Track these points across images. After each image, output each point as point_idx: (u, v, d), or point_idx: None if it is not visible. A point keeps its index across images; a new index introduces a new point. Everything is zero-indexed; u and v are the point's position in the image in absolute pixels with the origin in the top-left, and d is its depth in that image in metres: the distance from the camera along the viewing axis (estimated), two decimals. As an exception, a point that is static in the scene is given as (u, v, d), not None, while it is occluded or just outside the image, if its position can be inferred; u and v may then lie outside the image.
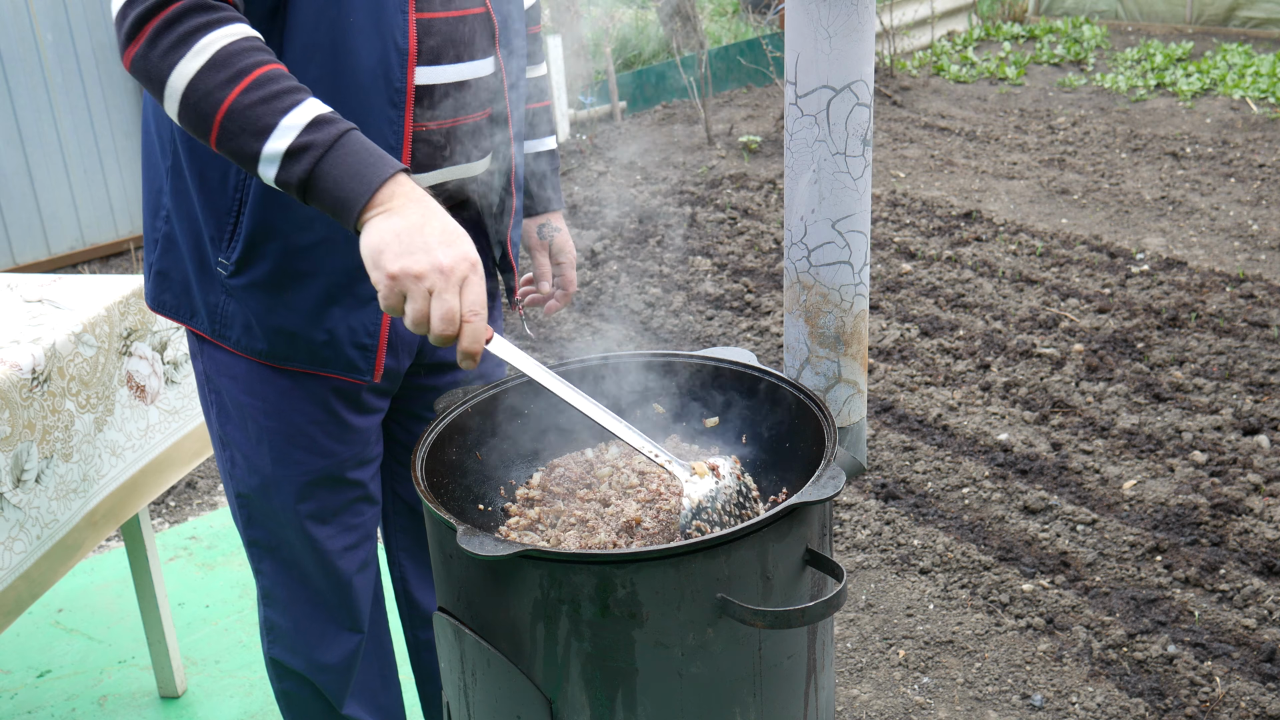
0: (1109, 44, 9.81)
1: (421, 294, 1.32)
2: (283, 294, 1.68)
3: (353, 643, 1.98)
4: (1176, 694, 2.67)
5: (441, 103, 1.68)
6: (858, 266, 1.77)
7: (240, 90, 1.36)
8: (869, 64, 1.69)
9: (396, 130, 1.62)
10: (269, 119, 1.35)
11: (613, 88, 8.14)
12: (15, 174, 5.73)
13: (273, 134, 1.35)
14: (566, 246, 2.07)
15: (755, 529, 1.33)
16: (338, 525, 1.88)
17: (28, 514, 2.11)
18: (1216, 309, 4.69)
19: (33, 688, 2.88)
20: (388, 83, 1.59)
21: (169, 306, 1.78)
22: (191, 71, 1.36)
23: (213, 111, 1.36)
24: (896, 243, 5.71)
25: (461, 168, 1.75)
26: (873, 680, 2.79)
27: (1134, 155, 6.92)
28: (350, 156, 1.36)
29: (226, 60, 1.37)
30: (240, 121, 1.36)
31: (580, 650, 1.35)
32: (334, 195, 1.35)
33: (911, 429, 3.93)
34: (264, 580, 1.94)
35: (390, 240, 1.32)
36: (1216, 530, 3.26)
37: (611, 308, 5.17)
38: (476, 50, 1.71)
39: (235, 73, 1.36)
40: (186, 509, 3.74)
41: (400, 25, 1.58)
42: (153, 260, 1.77)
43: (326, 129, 1.36)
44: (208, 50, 1.36)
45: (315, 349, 1.71)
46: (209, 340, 1.77)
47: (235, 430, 1.81)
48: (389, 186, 1.36)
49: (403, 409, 1.96)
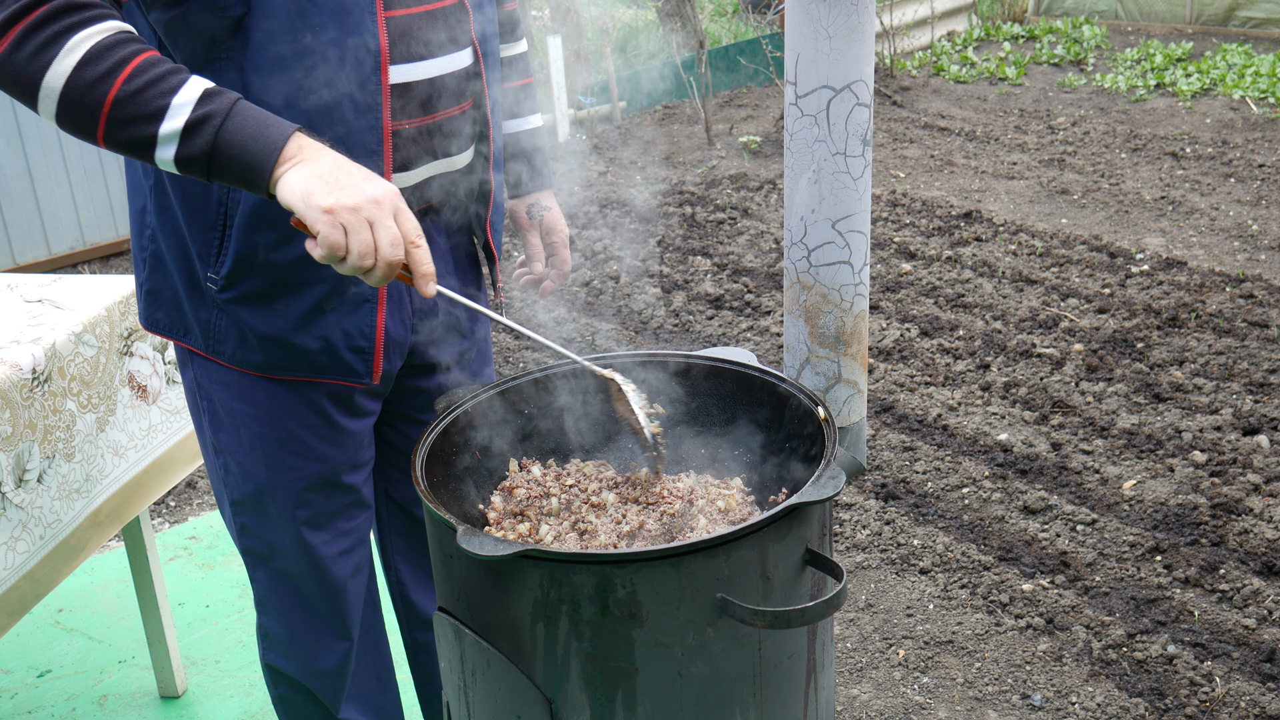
0: (1109, 44, 9.81)
1: (362, 224, 1.34)
2: (274, 305, 1.66)
3: (345, 648, 1.98)
4: (1176, 694, 2.67)
5: (420, 100, 1.65)
6: (858, 266, 1.77)
7: (123, 79, 1.34)
8: (869, 64, 1.70)
9: (375, 132, 1.60)
10: (159, 100, 1.34)
11: (613, 88, 8.14)
12: (15, 174, 5.73)
13: (166, 114, 1.35)
14: (557, 225, 2.03)
15: (755, 529, 1.33)
16: (332, 531, 1.87)
17: (30, 514, 2.11)
18: (1216, 309, 4.69)
19: (33, 687, 2.88)
20: (362, 86, 1.57)
21: (162, 325, 1.77)
22: (67, 70, 1.34)
23: (97, 105, 1.34)
24: (896, 243, 5.71)
25: (444, 162, 1.73)
26: (873, 680, 2.79)
27: (1134, 155, 6.92)
28: (249, 121, 1.36)
29: (102, 54, 1.34)
30: (130, 109, 1.34)
31: (580, 650, 1.35)
32: (241, 160, 1.35)
33: (911, 429, 3.94)
34: (258, 588, 1.94)
35: (314, 182, 1.34)
36: (1216, 530, 3.26)
37: (611, 308, 5.18)
38: (452, 42, 1.68)
39: (114, 64, 1.34)
40: (186, 509, 3.75)
41: (370, 27, 1.56)
42: (142, 279, 1.76)
43: (218, 99, 1.36)
44: (81, 47, 1.34)
45: (311, 357, 1.70)
46: (202, 356, 1.76)
47: (228, 438, 1.80)
48: (293, 142, 1.37)
49: (394, 411, 1.94)
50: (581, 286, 5.42)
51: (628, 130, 8.05)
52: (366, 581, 2.00)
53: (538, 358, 4.68)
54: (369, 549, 1.97)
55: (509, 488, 1.68)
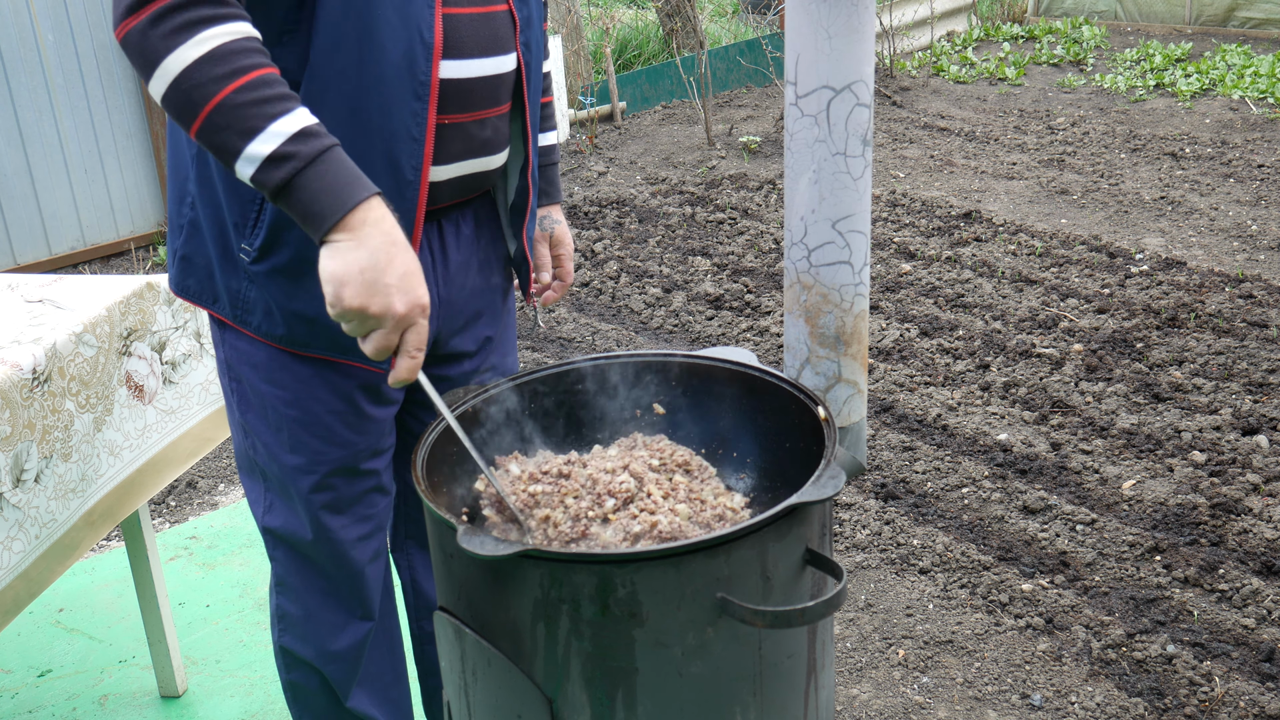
0: (1108, 44, 9.81)
1: (369, 326, 1.42)
2: (303, 280, 1.69)
3: (362, 631, 2.00)
4: (1176, 694, 2.68)
5: (465, 96, 1.71)
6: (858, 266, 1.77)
7: (234, 88, 1.39)
8: (869, 64, 1.70)
9: (420, 123, 1.65)
10: (257, 121, 1.39)
11: (613, 88, 8.14)
12: (16, 174, 5.73)
13: (258, 136, 1.39)
14: (565, 238, 2.11)
15: (755, 529, 1.33)
16: (352, 516, 1.90)
17: (27, 514, 2.11)
18: (1216, 309, 4.69)
19: (33, 687, 2.88)
20: (413, 76, 1.62)
21: (192, 291, 1.81)
22: (190, 59, 1.39)
23: (203, 102, 1.40)
24: (896, 243, 5.71)
25: (480, 161, 1.79)
26: (872, 680, 2.79)
27: (1133, 155, 6.92)
28: (329, 174, 1.40)
29: (226, 56, 1.40)
30: (228, 118, 1.39)
31: (580, 650, 1.35)
32: (307, 208, 1.41)
33: (911, 429, 3.94)
34: (278, 568, 1.97)
35: (354, 275, 1.39)
36: (1216, 530, 3.26)
37: (611, 308, 5.17)
38: (500, 46, 1.74)
39: (232, 70, 1.40)
40: (187, 509, 3.75)
41: (427, 20, 1.62)
42: (177, 246, 1.81)
43: (311, 142, 1.40)
44: (209, 42, 1.40)
45: (335, 335, 1.74)
46: (230, 326, 1.80)
47: (256, 419, 1.84)
48: (360, 211, 1.41)
49: (415, 399, 1.98)
50: (581, 286, 5.42)
51: (628, 130, 8.05)
52: (384, 569, 2.02)
53: (537, 358, 4.68)
54: (387, 535, 2.00)
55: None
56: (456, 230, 1.85)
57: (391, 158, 1.65)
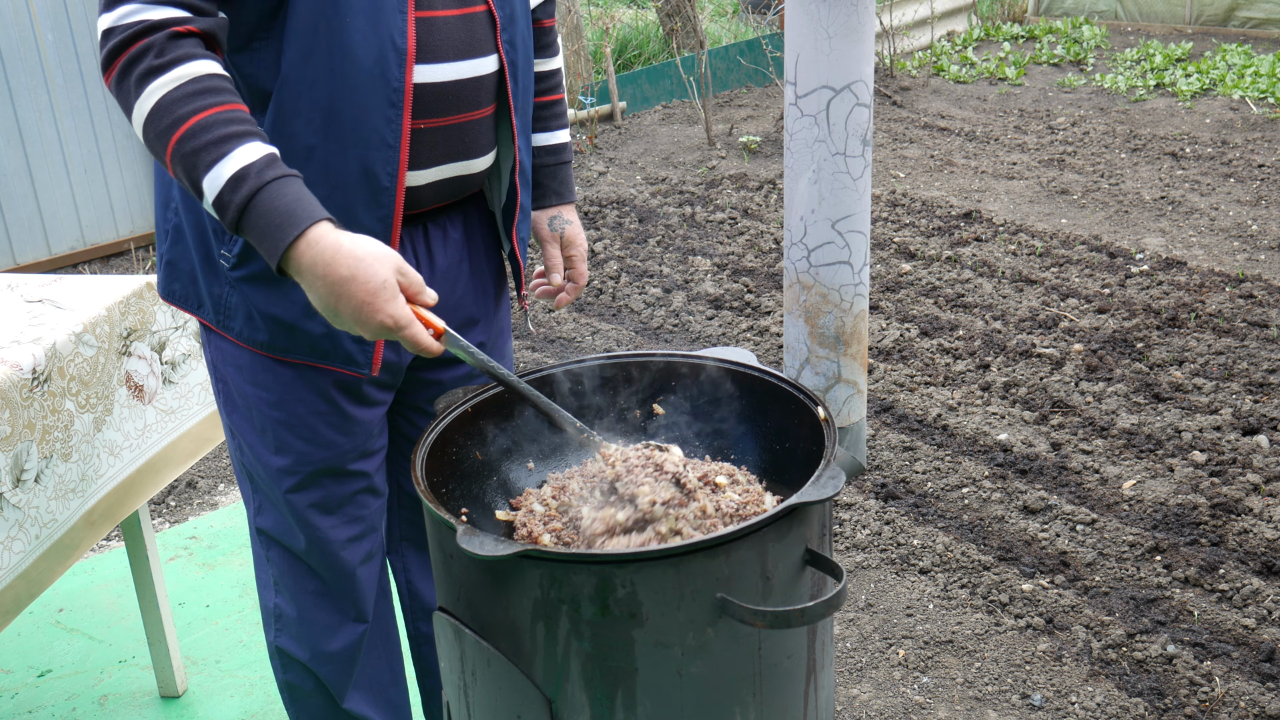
0: (1108, 44, 9.81)
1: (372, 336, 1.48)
2: (281, 287, 1.70)
3: (357, 633, 2.00)
4: (1176, 694, 2.67)
5: (442, 101, 1.69)
6: (857, 266, 1.77)
7: (176, 140, 1.44)
8: (869, 64, 1.70)
9: (395, 129, 1.64)
10: (197, 173, 1.44)
11: (613, 88, 8.14)
12: (16, 174, 5.73)
13: (203, 185, 1.43)
14: (577, 239, 2.07)
15: (755, 529, 1.33)
16: (342, 517, 1.90)
17: (27, 514, 2.11)
18: (1216, 309, 4.69)
19: (33, 687, 2.88)
20: (386, 82, 1.61)
21: (178, 296, 1.83)
22: (145, 112, 1.45)
23: (162, 153, 1.47)
24: (896, 243, 5.71)
25: (461, 164, 1.77)
26: (872, 680, 2.79)
27: (1133, 155, 6.92)
28: (260, 221, 1.43)
29: (168, 107, 1.44)
30: (180, 167, 1.46)
31: (580, 650, 1.35)
32: (258, 248, 1.44)
33: (911, 429, 3.94)
34: (273, 568, 1.97)
35: (322, 309, 1.45)
36: (1216, 530, 3.26)
37: (611, 308, 5.17)
38: (478, 48, 1.72)
39: (172, 121, 1.44)
40: (186, 509, 3.75)
41: (399, 25, 1.60)
42: (163, 251, 1.82)
43: (241, 188, 1.42)
44: (154, 96, 1.44)
45: (314, 341, 1.74)
46: (215, 330, 1.81)
47: (241, 419, 1.85)
48: (293, 257, 1.42)
49: (407, 402, 1.97)
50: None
51: (627, 130, 8.05)
52: (378, 571, 2.02)
53: (537, 357, 4.68)
54: (381, 537, 2.00)
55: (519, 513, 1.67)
56: (444, 234, 1.84)
57: (366, 164, 1.64)
